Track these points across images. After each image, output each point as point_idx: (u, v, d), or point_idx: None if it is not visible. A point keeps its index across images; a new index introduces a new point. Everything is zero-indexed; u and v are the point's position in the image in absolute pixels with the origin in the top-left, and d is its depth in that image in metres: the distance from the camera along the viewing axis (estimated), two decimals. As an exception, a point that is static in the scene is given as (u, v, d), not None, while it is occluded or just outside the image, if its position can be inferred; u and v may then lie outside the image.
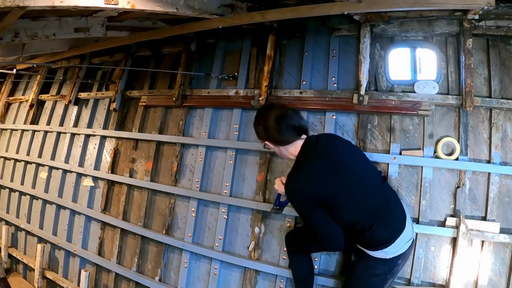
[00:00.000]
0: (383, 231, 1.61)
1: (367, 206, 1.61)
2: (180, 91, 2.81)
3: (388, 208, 1.67)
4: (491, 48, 2.03)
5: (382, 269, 1.68)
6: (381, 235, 1.61)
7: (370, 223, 1.59)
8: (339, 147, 1.73)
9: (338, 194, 1.58)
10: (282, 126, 1.62)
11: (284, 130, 1.63)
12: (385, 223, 1.62)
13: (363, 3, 1.92)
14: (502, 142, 1.97)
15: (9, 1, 1.54)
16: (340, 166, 1.61)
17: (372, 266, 1.68)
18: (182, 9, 2.04)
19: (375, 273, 1.69)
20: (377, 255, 1.66)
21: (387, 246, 1.61)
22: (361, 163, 1.73)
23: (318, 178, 1.58)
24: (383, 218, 1.62)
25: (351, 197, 1.60)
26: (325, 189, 1.57)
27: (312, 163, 1.62)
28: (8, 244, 3.79)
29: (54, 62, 3.74)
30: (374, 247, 1.64)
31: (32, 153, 3.91)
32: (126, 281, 2.89)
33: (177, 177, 2.78)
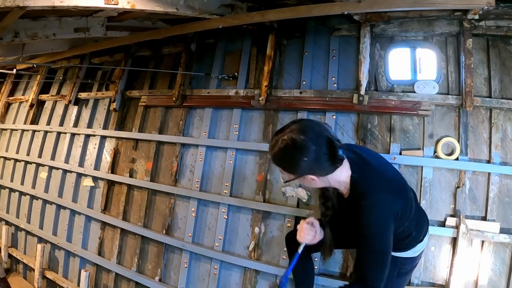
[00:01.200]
0: (419, 234, 1.55)
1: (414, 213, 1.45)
2: (180, 91, 2.81)
3: (419, 211, 1.59)
4: (491, 48, 2.04)
5: (411, 266, 1.64)
6: (417, 237, 1.54)
7: (415, 227, 1.45)
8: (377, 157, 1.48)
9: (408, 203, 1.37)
10: (327, 154, 1.20)
11: (329, 159, 1.21)
12: (420, 226, 1.56)
13: (363, 3, 1.92)
14: (502, 142, 1.97)
15: (9, 1, 1.54)
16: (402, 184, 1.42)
17: (402, 264, 1.60)
18: (182, 9, 2.04)
19: (404, 271, 1.64)
20: (407, 255, 1.58)
21: (418, 244, 1.55)
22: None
23: (399, 190, 1.32)
24: (418, 222, 1.54)
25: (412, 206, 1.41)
26: (403, 201, 1.31)
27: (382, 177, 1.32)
28: (8, 244, 3.79)
29: (54, 62, 3.74)
30: (408, 248, 1.55)
31: (32, 153, 3.92)
32: (126, 281, 2.89)
33: (177, 177, 2.78)
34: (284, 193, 2.29)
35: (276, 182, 2.40)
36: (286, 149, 1.19)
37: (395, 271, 1.57)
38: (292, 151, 1.19)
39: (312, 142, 1.18)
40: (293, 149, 1.19)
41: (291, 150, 1.19)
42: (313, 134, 1.19)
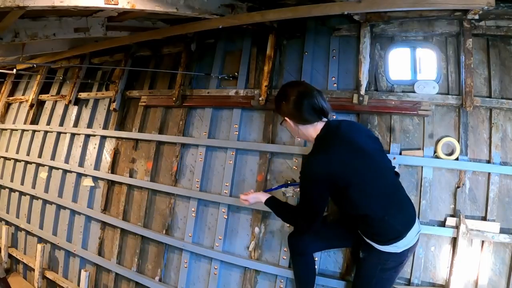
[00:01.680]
0: (398, 222, 1.60)
1: (381, 194, 1.59)
2: (180, 91, 2.81)
3: (401, 200, 1.67)
4: (491, 48, 2.04)
5: (395, 262, 1.66)
6: (395, 226, 1.59)
7: (384, 212, 1.57)
8: (362, 134, 1.70)
9: (357, 177, 1.54)
10: (304, 103, 1.57)
11: (305, 108, 1.57)
12: (399, 214, 1.61)
13: (363, 3, 1.92)
14: (502, 142, 1.97)
15: (9, 1, 1.54)
16: (361, 152, 1.58)
17: (385, 260, 1.65)
18: (182, 9, 2.04)
19: (388, 267, 1.67)
20: (388, 250, 1.63)
21: (399, 240, 1.59)
22: (379, 152, 1.71)
23: (339, 160, 1.53)
24: (395, 208, 1.61)
25: (369, 183, 1.57)
26: (345, 171, 1.53)
27: (335, 145, 1.57)
28: (8, 244, 3.80)
29: (54, 62, 3.74)
30: (387, 241, 1.60)
31: (32, 153, 3.92)
32: (126, 281, 2.89)
33: (177, 177, 2.78)
34: (284, 193, 2.29)
35: (276, 182, 2.40)
36: (278, 93, 1.69)
37: (379, 265, 1.67)
38: (280, 95, 1.67)
39: (294, 94, 1.59)
40: (281, 94, 1.66)
41: (280, 95, 1.67)
42: (298, 91, 1.61)
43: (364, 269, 1.78)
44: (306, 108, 1.57)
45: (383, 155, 1.72)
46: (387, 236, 1.60)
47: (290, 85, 1.69)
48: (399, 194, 1.68)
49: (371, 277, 1.71)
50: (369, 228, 1.64)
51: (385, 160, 1.72)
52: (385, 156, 1.74)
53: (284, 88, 1.67)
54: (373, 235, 1.65)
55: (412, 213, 1.67)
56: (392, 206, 1.60)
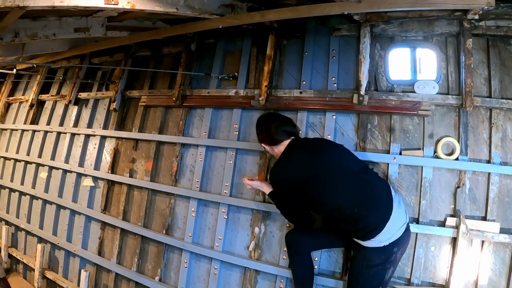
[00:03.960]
0: (369, 213, 1.68)
1: (347, 189, 1.76)
2: (180, 91, 2.81)
3: (370, 194, 1.75)
4: (491, 48, 2.04)
5: (379, 259, 1.71)
6: (369, 218, 1.68)
7: (352, 204, 1.71)
8: (319, 141, 2.08)
9: (314, 174, 1.79)
10: (278, 132, 1.95)
11: (273, 132, 1.95)
12: (369, 206, 1.70)
13: (363, 3, 1.91)
14: (502, 142, 1.97)
15: (9, 1, 1.54)
16: (317, 154, 1.85)
17: (369, 257, 1.72)
18: (182, 9, 2.04)
19: (373, 263, 1.72)
20: (371, 245, 1.70)
21: (379, 233, 1.66)
22: (340, 154, 1.92)
23: (296, 162, 1.86)
24: (366, 201, 1.71)
25: (328, 179, 1.77)
26: (302, 170, 1.82)
27: (293, 153, 1.90)
28: (8, 244, 3.80)
29: (54, 62, 3.74)
30: (367, 235, 1.69)
31: (32, 153, 3.92)
32: (126, 281, 2.89)
33: (177, 177, 2.78)
34: None
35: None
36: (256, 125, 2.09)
37: (364, 262, 1.77)
38: (256, 125, 2.08)
39: (264, 123, 2.03)
40: (256, 124, 2.08)
41: (256, 125, 2.08)
42: (264, 121, 2.04)
43: (352, 267, 1.88)
44: (273, 132, 1.95)
45: (346, 155, 1.92)
46: (366, 229, 1.68)
47: (259, 118, 2.11)
48: (368, 189, 1.77)
49: (358, 274, 1.79)
50: (347, 225, 1.77)
51: (348, 159, 1.90)
52: (349, 156, 1.93)
53: (257, 120, 2.09)
54: (355, 231, 1.75)
55: (387, 205, 1.72)
56: (360, 199, 1.71)
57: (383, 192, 1.78)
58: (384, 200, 1.74)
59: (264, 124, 2.02)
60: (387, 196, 1.76)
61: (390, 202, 1.73)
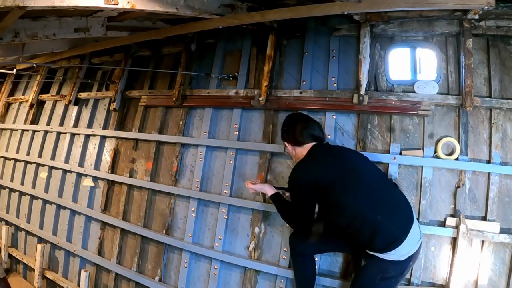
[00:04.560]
0: (390, 222, 1.61)
1: (369, 195, 1.67)
2: (180, 91, 2.81)
3: (394, 204, 1.70)
4: (491, 48, 2.04)
5: (395, 272, 1.66)
6: (390, 228, 1.61)
7: (376, 212, 1.63)
8: (342, 148, 2.04)
9: (338, 178, 1.72)
10: (304, 134, 1.90)
11: (305, 137, 1.90)
12: (391, 214, 1.64)
13: (363, 3, 1.92)
14: (502, 142, 1.97)
15: (9, 1, 1.54)
16: (342, 158, 1.82)
17: (386, 269, 1.65)
18: (182, 9, 2.04)
19: (388, 276, 1.67)
20: (391, 258, 1.63)
21: (399, 245, 1.59)
22: (364, 161, 1.86)
23: (320, 164, 1.79)
24: (388, 209, 1.65)
25: (352, 184, 1.70)
26: (326, 172, 1.75)
27: (317, 156, 1.85)
28: (8, 244, 3.80)
29: (54, 62, 3.74)
30: (387, 247, 1.61)
31: (32, 153, 3.92)
32: (126, 281, 2.89)
33: (177, 177, 2.78)
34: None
35: (277, 182, 2.40)
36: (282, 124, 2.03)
37: (379, 274, 1.68)
38: (283, 123, 2.02)
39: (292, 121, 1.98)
40: (284, 122, 2.02)
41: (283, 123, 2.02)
42: (292, 120, 1.99)
43: (364, 277, 1.77)
44: (297, 132, 1.90)
45: (367, 162, 1.87)
46: (385, 240, 1.60)
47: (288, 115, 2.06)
48: (391, 198, 1.72)
49: (370, 285, 1.71)
50: (366, 234, 1.64)
51: (371, 167, 1.86)
52: (370, 164, 1.87)
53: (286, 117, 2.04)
54: (373, 243, 1.64)
55: (409, 216, 1.67)
56: (384, 208, 1.64)
57: (405, 203, 1.74)
58: (406, 212, 1.69)
59: (292, 123, 1.97)
60: (408, 208, 1.71)
61: (411, 214, 1.68)
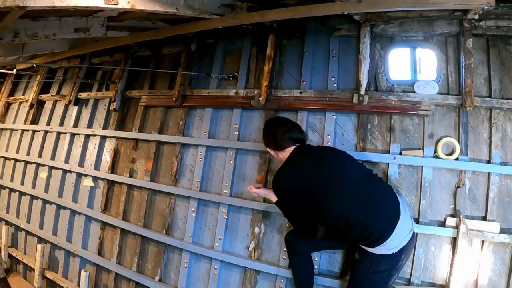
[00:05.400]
0: (375, 221, 1.66)
1: (353, 196, 1.71)
2: (180, 91, 2.81)
3: (378, 200, 1.73)
4: (491, 48, 2.03)
5: (387, 265, 1.70)
6: (374, 225, 1.66)
7: (359, 212, 1.68)
8: (323, 149, 2.09)
9: (319, 182, 1.76)
10: (285, 138, 1.91)
11: (285, 141, 1.91)
12: (375, 213, 1.68)
13: (363, 3, 1.92)
14: (502, 142, 1.97)
15: (9, 1, 1.54)
16: (322, 161, 1.84)
17: (376, 263, 1.70)
18: (182, 9, 2.04)
19: (380, 269, 1.70)
20: (380, 252, 1.67)
21: (386, 240, 1.63)
22: (345, 161, 1.88)
23: (299, 169, 1.82)
24: (373, 208, 1.69)
25: (333, 187, 1.74)
26: (306, 177, 1.79)
27: (297, 160, 1.87)
28: (8, 244, 3.80)
29: (54, 62, 3.74)
30: (374, 242, 1.66)
31: (32, 153, 3.92)
32: (126, 281, 2.89)
33: (177, 177, 2.78)
34: None
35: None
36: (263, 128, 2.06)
37: (371, 267, 1.73)
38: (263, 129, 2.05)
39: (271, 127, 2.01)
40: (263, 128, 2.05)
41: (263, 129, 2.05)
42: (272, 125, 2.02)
43: (357, 270, 1.85)
44: (279, 138, 1.92)
45: (350, 162, 1.88)
46: (372, 236, 1.66)
47: (267, 121, 2.11)
48: (375, 196, 1.75)
49: (363, 279, 1.76)
50: (353, 233, 1.72)
51: (353, 166, 1.87)
52: (354, 163, 1.89)
53: (265, 123, 2.08)
54: (361, 239, 1.72)
55: (395, 211, 1.70)
56: (367, 207, 1.68)
57: (391, 199, 1.76)
58: (392, 207, 1.72)
59: (271, 128, 1.98)
60: (394, 203, 1.74)
61: (397, 209, 1.71)
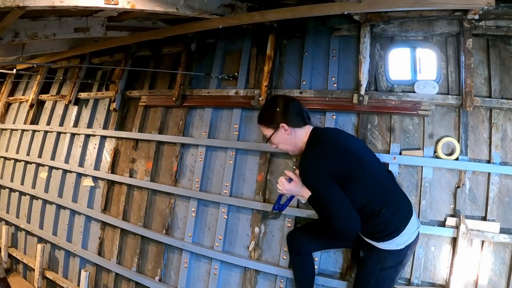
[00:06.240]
0: (393, 215, 1.61)
1: (377, 187, 1.64)
2: (180, 91, 2.81)
3: (395, 194, 1.71)
4: (491, 48, 2.04)
5: (394, 261, 1.68)
6: (393, 220, 1.61)
7: (381, 205, 1.59)
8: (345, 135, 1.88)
9: (355, 171, 1.58)
10: (291, 106, 1.70)
11: (293, 111, 1.69)
12: (394, 207, 1.64)
13: (363, 3, 1.92)
14: (502, 142, 1.97)
15: (9, 1, 1.54)
16: (351, 150, 1.65)
17: (384, 259, 1.67)
18: (182, 9, 2.04)
19: (387, 266, 1.68)
20: (388, 247, 1.64)
21: (397, 235, 1.60)
22: (368, 150, 1.80)
23: (336, 156, 1.58)
24: (392, 202, 1.64)
25: (367, 176, 1.61)
26: (344, 166, 1.56)
27: (327, 144, 1.64)
28: (8, 244, 3.79)
29: (54, 62, 3.74)
30: (386, 236, 1.62)
31: (32, 153, 3.92)
32: (126, 281, 2.89)
33: (177, 177, 2.78)
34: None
35: (277, 183, 2.39)
36: (265, 106, 1.82)
37: (378, 264, 1.69)
38: (269, 106, 1.77)
39: (282, 99, 1.75)
40: (269, 104, 1.79)
41: (268, 106, 1.78)
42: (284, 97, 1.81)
43: (363, 268, 1.80)
44: (294, 111, 1.69)
45: (371, 153, 1.80)
46: (386, 231, 1.62)
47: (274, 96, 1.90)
48: (394, 189, 1.73)
49: (370, 276, 1.73)
50: (368, 225, 1.62)
51: (375, 157, 1.80)
52: (374, 154, 1.82)
53: (270, 100, 1.84)
54: (373, 233, 1.66)
55: (408, 207, 1.70)
56: (388, 200, 1.63)
57: (404, 196, 1.76)
58: (406, 204, 1.71)
59: (285, 102, 1.71)
60: (407, 200, 1.74)
61: (410, 206, 1.70)
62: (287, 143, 1.72)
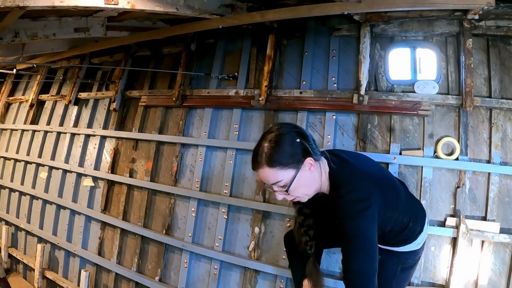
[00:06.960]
0: (416, 223, 1.56)
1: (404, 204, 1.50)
2: (180, 91, 2.81)
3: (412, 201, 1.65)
4: (491, 48, 2.03)
5: (413, 260, 1.65)
6: (415, 228, 1.56)
7: (408, 219, 1.47)
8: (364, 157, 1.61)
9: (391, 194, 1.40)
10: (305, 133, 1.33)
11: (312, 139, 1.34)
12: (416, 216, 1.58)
13: (363, 3, 1.92)
14: (502, 142, 1.97)
15: (9, 1, 1.54)
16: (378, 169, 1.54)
17: (404, 259, 1.63)
18: (182, 9, 2.04)
19: (408, 265, 1.65)
20: (409, 249, 1.60)
21: (418, 237, 1.57)
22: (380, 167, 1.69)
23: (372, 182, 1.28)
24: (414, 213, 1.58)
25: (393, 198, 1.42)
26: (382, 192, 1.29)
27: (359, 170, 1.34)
28: (8, 244, 3.79)
29: (54, 62, 3.74)
30: (406, 241, 1.56)
31: (32, 153, 3.92)
32: (126, 281, 2.89)
33: (177, 177, 2.78)
34: None
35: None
36: (277, 143, 1.23)
37: (399, 266, 1.61)
38: (284, 141, 1.23)
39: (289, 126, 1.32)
40: (279, 138, 1.23)
41: (283, 141, 1.23)
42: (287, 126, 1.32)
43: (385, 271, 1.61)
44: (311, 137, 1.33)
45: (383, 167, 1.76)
46: (410, 239, 1.56)
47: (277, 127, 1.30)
48: (410, 197, 1.66)
49: (391, 278, 1.65)
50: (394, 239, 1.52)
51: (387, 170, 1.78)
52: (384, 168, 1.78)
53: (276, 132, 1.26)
54: (395, 243, 1.56)
55: (422, 208, 1.66)
56: (411, 211, 1.54)
57: (416, 199, 1.74)
58: (421, 206, 1.68)
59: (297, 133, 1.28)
60: (419, 203, 1.73)
61: (423, 207, 1.68)
62: (311, 186, 1.30)
